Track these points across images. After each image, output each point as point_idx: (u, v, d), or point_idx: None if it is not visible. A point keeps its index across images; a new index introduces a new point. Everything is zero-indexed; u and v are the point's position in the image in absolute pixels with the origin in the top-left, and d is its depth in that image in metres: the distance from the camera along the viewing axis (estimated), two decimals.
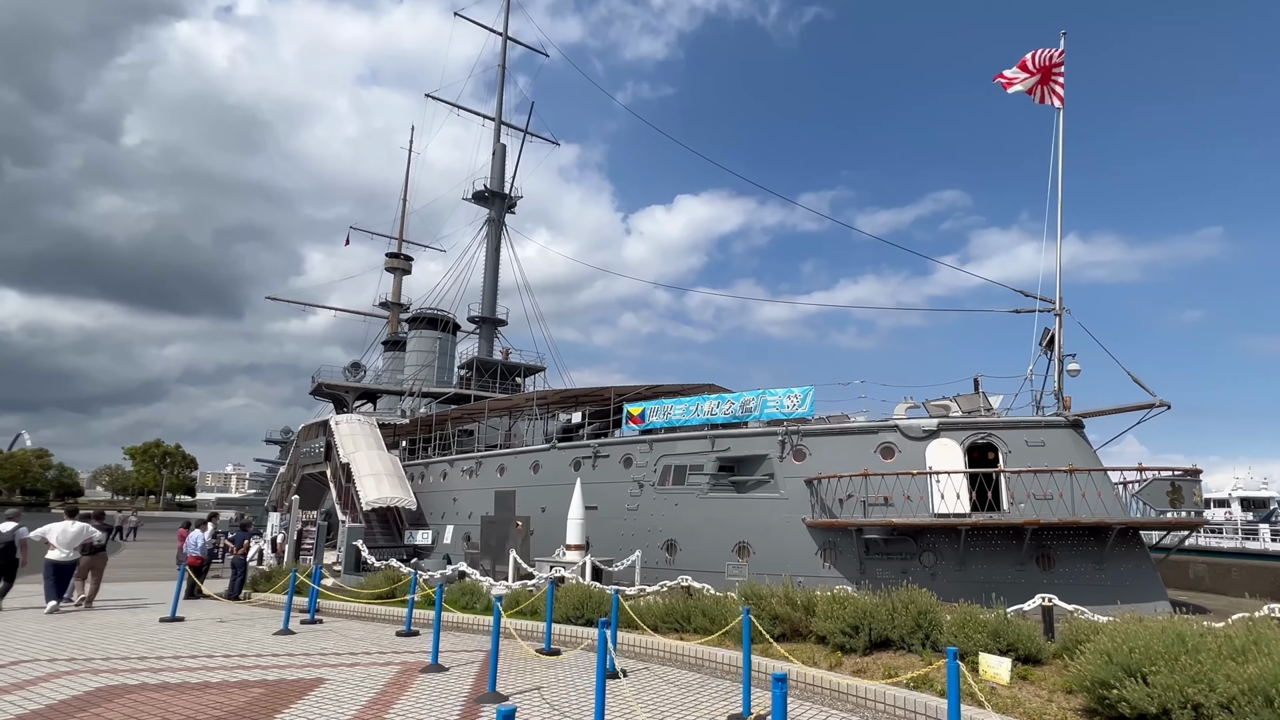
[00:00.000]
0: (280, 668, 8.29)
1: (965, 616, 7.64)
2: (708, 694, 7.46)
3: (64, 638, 10.16)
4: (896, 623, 8.06)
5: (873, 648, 8.26)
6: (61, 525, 13.24)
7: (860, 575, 16.60)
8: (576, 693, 7.43)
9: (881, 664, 7.79)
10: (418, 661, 8.75)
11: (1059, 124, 17.91)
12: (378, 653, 9.38)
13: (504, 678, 7.92)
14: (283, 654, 9.19)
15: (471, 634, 11.14)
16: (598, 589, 11.86)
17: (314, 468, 31.40)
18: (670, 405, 20.92)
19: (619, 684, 7.78)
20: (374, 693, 7.20)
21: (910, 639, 7.99)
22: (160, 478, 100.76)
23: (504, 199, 56.20)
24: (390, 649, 9.73)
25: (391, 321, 75.82)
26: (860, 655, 8.08)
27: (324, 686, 7.40)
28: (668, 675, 8.25)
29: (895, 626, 8.06)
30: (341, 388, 46.85)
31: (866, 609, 8.28)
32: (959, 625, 7.55)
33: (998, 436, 16.75)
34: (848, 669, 7.75)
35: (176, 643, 9.92)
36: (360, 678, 7.85)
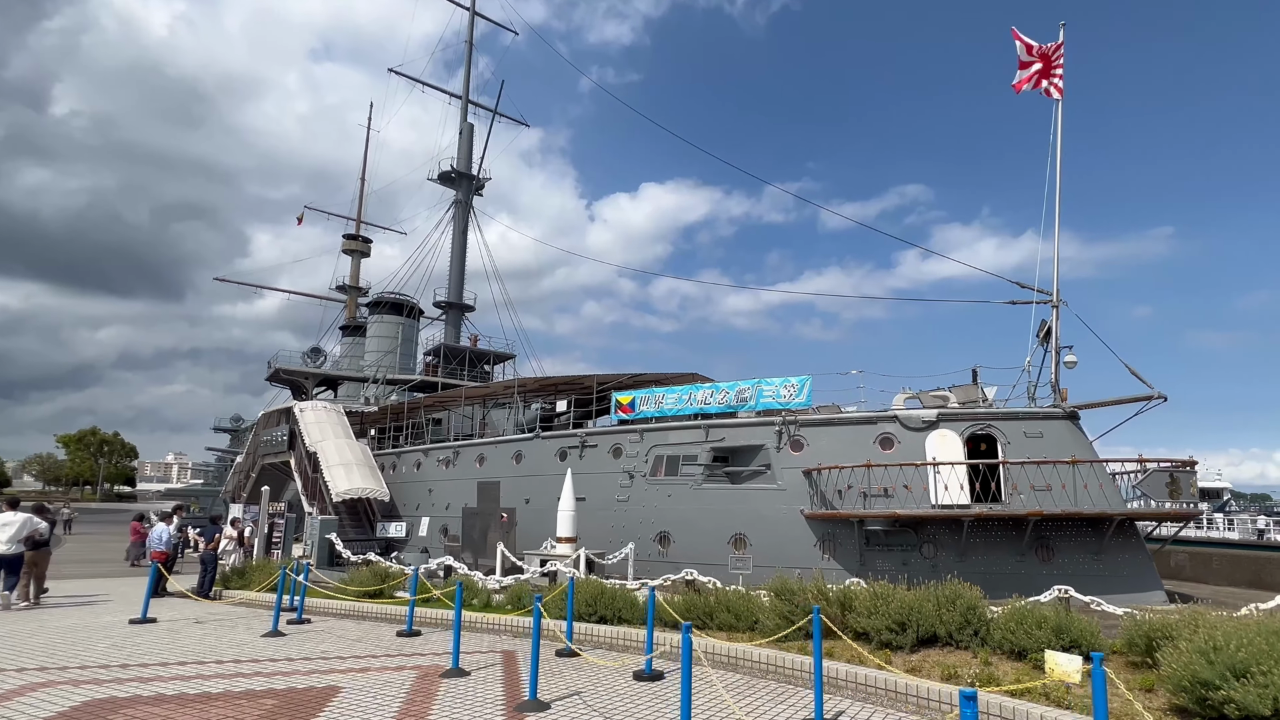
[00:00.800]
0: (284, 674, 7.50)
1: (1020, 612, 7.32)
2: (763, 697, 6.97)
3: (25, 643, 9.13)
4: (944, 618, 7.70)
5: (919, 644, 7.91)
6: (3, 517, 12.37)
7: (860, 567, 16.38)
8: (620, 698, 6.86)
9: (933, 661, 7.42)
10: (433, 665, 8.06)
11: (1058, 115, 17.91)
12: (385, 655, 8.64)
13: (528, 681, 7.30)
14: (280, 658, 8.37)
15: (477, 633, 10.44)
16: (610, 584, 11.29)
17: (276, 457, 29.94)
18: (662, 394, 20.39)
19: (662, 686, 7.25)
20: (400, 702, 6.51)
21: (959, 635, 7.65)
22: (97, 467, 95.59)
23: (472, 180, 54.74)
24: (396, 651, 8.99)
25: (349, 306, 73.37)
26: (908, 653, 7.70)
27: (341, 696, 6.67)
28: (708, 676, 7.73)
29: (943, 622, 7.70)
30: (301, 373, 45.02)
31: (912, 605, 7.91)
32: (1015, 621, 7.22)
33: (997, 428, 16.70)
34: (900, 667, 7.36)
35: (156, 647, 8.99)
36: (378, 684, 7.13)
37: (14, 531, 12.46)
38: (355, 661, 8.24)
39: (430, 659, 8.43)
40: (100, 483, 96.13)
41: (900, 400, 18.15)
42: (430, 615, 11.02)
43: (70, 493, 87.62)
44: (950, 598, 7.80)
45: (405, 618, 11.45)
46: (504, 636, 10.14)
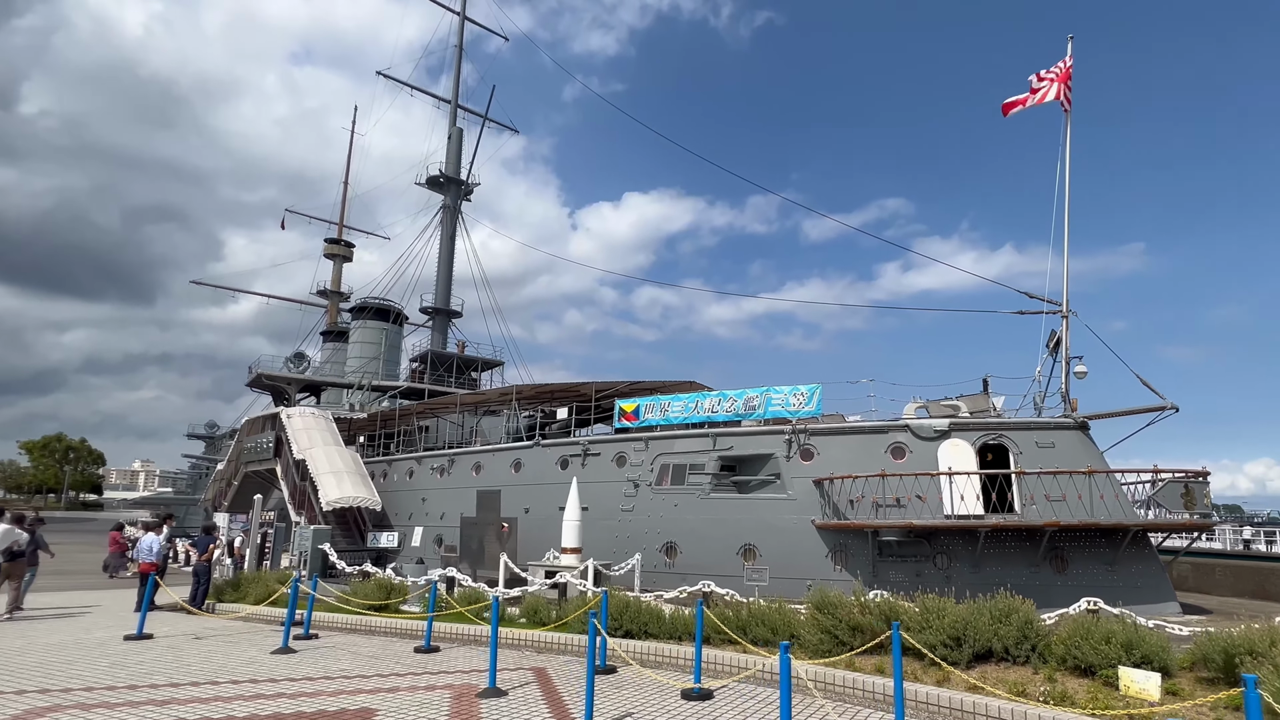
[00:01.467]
0: (308, 695, 6.99)
1: (1085, 627, 7.07)
2: (833, 717, 6.62)
3: (16, 662, 8.49)
4: (1000, 633, 7.43)
5: (974, 660, 7.63)
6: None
7: (873, 578, 16.13)
8: (671, 718, 6.47)
9: (994, 678, 7.13)
10: (465, 684, 7.59)
11: (1067, 128, 17.98)
12: (410, 674, 8.15)
13: (572, 701, 6.90)
14: (299, 677, 7.85)
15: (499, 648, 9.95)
16: (634, 597, 10.88)
17: (260, 464, 29.02)
18: (667, 402, 20.05)
19: (715, 706, 6.87)
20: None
21: (1016, 650, 7.37)
22: (62, 475, 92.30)
23: (460, 185, 54.19)
24: (420, 668, 8.50)
25: (331, 311, 72.14)
26: (964, 669, 7.41)
27: (379, 719, 6.20)
28: (757, 694, 7.37)
29: (998, 637, 7.42)
30: (283, 379, 43.98)
31: (966, 618, 7.62)
32: (1080, 635, 6.96)
33: (1009, 438, 16.60)
34: (959, 685, 7.06)
35: (161, 665, 8.40)
36: (413, 706, 6.66)
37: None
38: (380, 680, 7.74)
39: (459, 677, 7.96)
40: (65, 491, 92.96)
41: (911, 410, 18.01)
42: (446, 630, 10.53)
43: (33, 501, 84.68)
44: (1004, 611, 7.53)
45: (416, 632, 10.97)
46: (527, 652, 9.68)
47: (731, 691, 7.48)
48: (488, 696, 7.00)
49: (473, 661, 8.91)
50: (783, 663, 4.70)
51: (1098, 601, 11.35)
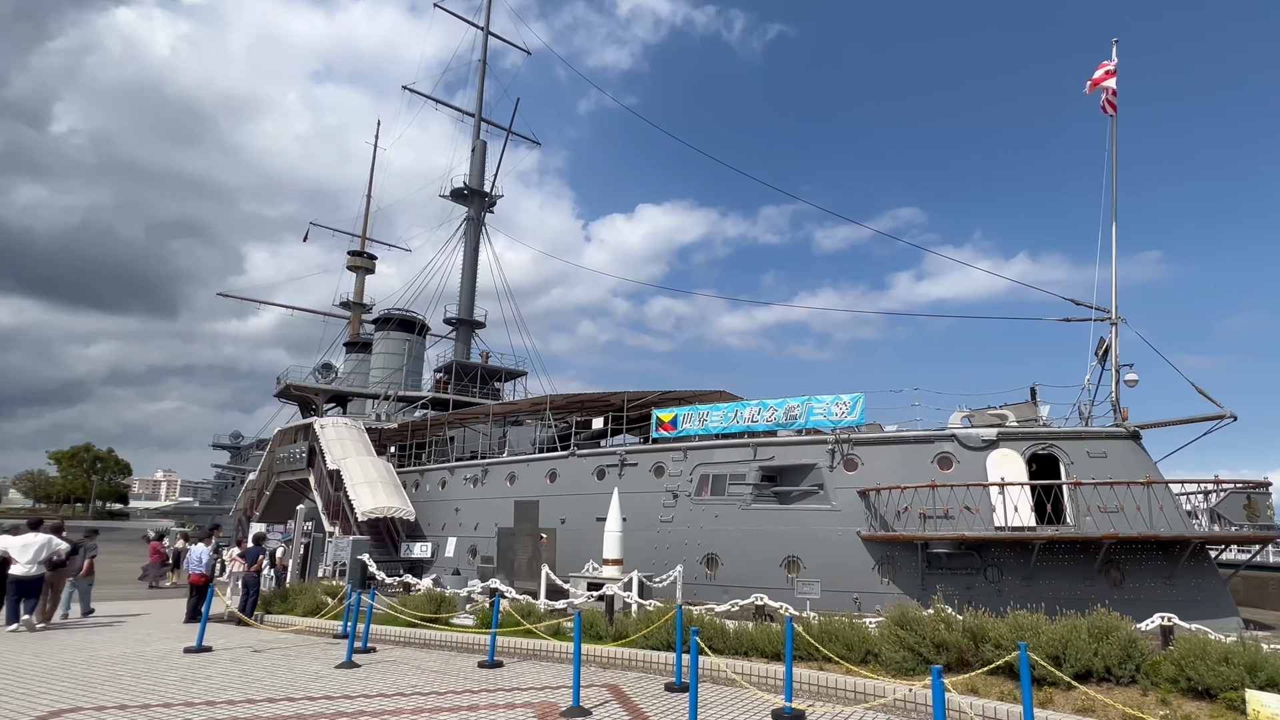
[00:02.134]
0: (390, 714, 6.89)
1: (1201, 646, 6.82)
2: None
3: (86, 674, 8.47)
4: (1101, 651, 7.20)
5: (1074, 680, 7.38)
6: (22, 539, 12.21)
7: (922, 591, 15.85)
8: None
9: (1101, 701, 6.86)
10: (545, 702, 7.46)
11: (1112, 132, 17.73)
12: (483, 691, 8.03)
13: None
14: (374, 694, 7.76)
15: (559, 663, 9.82)
16: (699, 612, 10.72)
17: (293, 474, 29.15)
18: (706, 411, 19.90)
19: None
20: None
21: (1119, 670, 7.14)
22: (89, 484, 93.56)
23: (483, 197, 54.53)
24: (491, 684, 8.38)
25: (353, 322, 72.81)
26: (1064, 690, 7.18)
27: None
28: (850, 715, 7.17)
29: (1099, 656, 7.19)
30: (311, 390, 44.26)
31: (1063, 636, 7.39)
32: (1195, 655, 6.72)
33: (1059, 447, 16.29)
34: (1064, 707, 6.84)
35: (229, 680, 8.35)
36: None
37: (34, 553, 12.10)
38: (456, 698, 7.63)
39: (534, 694, 7.83)
40: (92, 500, 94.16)
41: (956, 419, 17.73)
42: (503, 644, 10.39)
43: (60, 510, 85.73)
44: (1104, 628, 7.30)
45: (473, 646, 10.89)
46: (592, 668, 9.53)
47: (823, 714, 7.26)
48: (573, 716, 6.87)
49: (540, 677, 8.79)
50: (936, 689, 4.48)
51: (1172, 617, 11.05)
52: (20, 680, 8.18)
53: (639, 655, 9.35)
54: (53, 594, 12.88)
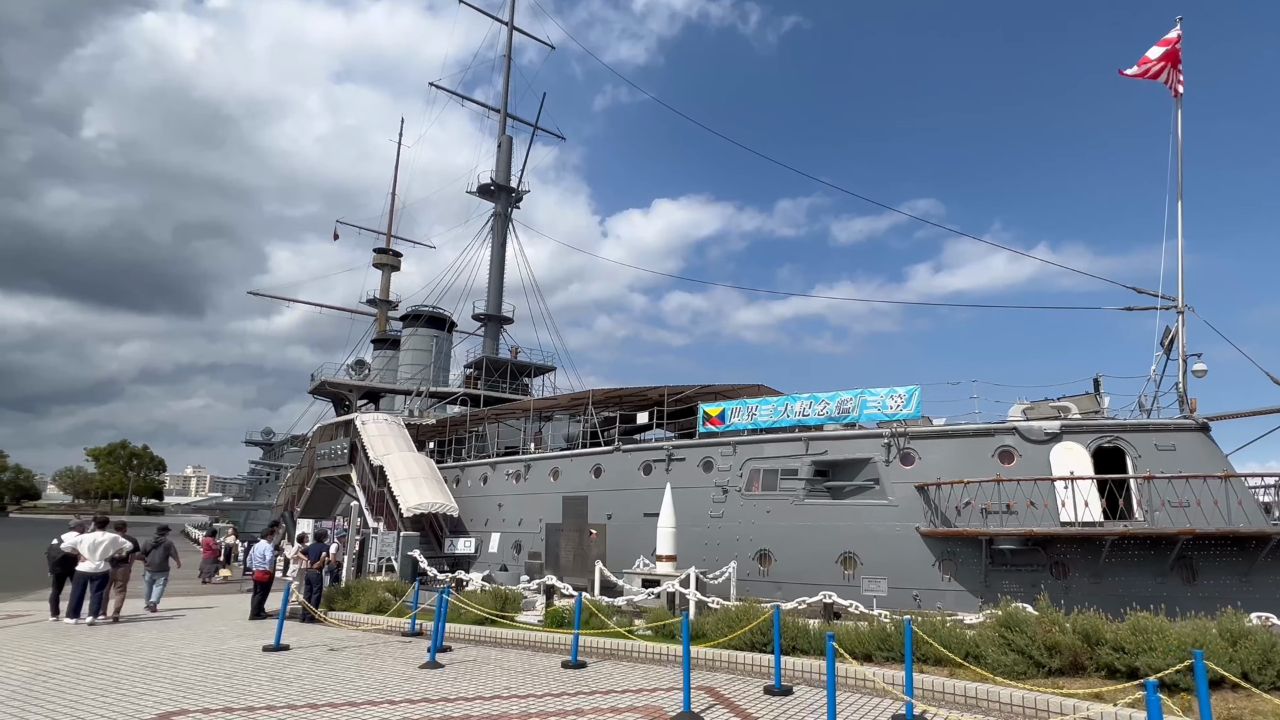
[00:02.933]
0: (494, 718, 6.79)
1: None
2: None
3: (174, 675, 8.48)
4: (1237, 655, 6.92)
5: None
6: (91, 537, 12.76)
7: (985, 588, 15.59)
8: None
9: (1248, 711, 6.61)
10: (649, 705, 7.33)
11: (1178, 113, 17.19)
12: (580, 694, 7.92)
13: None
14: (472, 696, 7.68)
15: (638, 663, 9.71)
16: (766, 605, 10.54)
17: (334, 470, 29.37)
18: (755, 405, 19.69)
19: None
20: None
21: (1259, 676, 6.86)
22: (126, 480, 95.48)
23: (510, 193, 54.51)
24: (586, 687, 8.27)
25: (380, 319, 73.39)
26: (1192, 694, 6.91)
27: None
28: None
29: (1234, 660, 6.92)
30: (345, 386, 44.57)
31: (1193, 639, 7.12)
32: None
33: (1126, 440, 15.89)
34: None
35: (322, 681, 8.32)
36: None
37: (101, 550, 12.67)
38: (554, 701, 7.53)
39: (633, 697, 7.70)
40: (129, 495, 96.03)
41: (1017, 411, 17.39)
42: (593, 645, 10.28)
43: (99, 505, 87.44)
44: (1236, 632, 7.02)
45: (548, 644, 10.81)
46: (670, 668, 9.40)
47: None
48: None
49: (629, 679, 8.67)
50: (1152, 704, 4.17)
51: (1269, 617, 10.71)
52: (115, 679, 8.19)
53: (729, 657, 9.20)
54: (118, 589, 13.27)
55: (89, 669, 8.85)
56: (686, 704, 6.99)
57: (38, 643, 10.67)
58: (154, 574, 14.93)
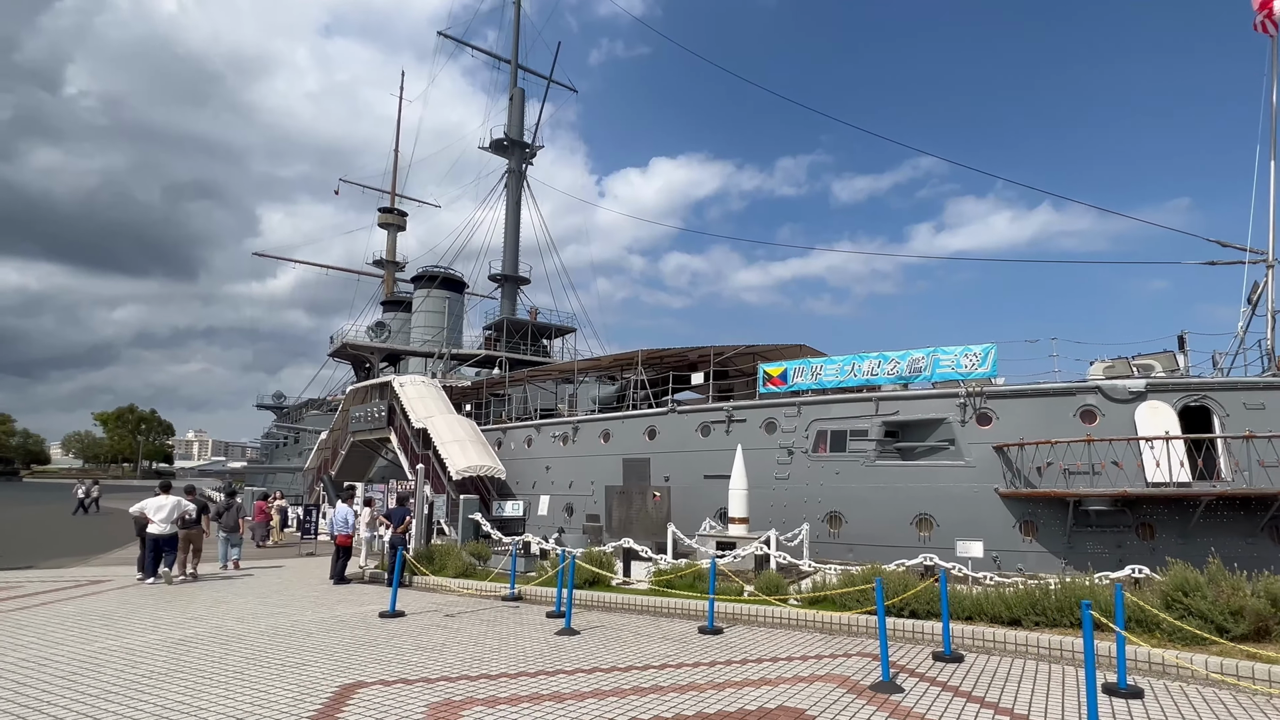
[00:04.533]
0: (680, 690, 6.52)
1: None
2: None
3: (314, 643, 8.17)
4: None
5: None
6: (157, 500, 13.36)
7: (1069, 550, 15.48)
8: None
9: None
10: (836, 674, 7.07)
11: (1273, 53, 16.51)
12: (744, 661, 7.66)
13: (986, 693, 6.35)
14: (643, 665, 7.39)
15: (775, 629, 9.50)
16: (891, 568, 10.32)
17: (370, 433, 29.04)
18: (820, 365, 19.32)
19: (1150, 706, 6.25)
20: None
21: None
22: (135, 444, 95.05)
23: (524, 148, 53.15)
24: (744, 654, 8.02)
25: (388, 280, 72.30)
26: None
27: None
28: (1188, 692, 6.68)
29: None
30: (367, 349, 44.02)
31: None
32: None
33: (1213, 399, 15.62)
34: None
35: (472, 649, 8.03)
36: (834, 705, 6.11)
37: (167, 513, 13.22)
38: (734, 670, 7.26)
39: (818, 665, 7.45)
40: (139, 459, 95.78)
41: (1099, 369, 17.09)
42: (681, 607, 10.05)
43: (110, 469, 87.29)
44: None
45: (668, 610, 10.59)
46: (810, 634, 9.19)
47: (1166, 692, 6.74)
48: (885, 691, 6.47)
49: (777, 645, 8.44)
50: None
51: None
52: (256, 648, 7.87)
53: (860, 621, 8.94)
54: (194, 549, 13.96)
55: (222, 637, 8.56)
56: (885, 673, 6.73)
57: (145, 609, 10.37)
58: (228, 534, 15.79)
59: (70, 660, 7.29)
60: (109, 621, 9.46)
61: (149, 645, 8.05)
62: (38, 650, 7.71)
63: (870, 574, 10.12)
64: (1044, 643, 7.78)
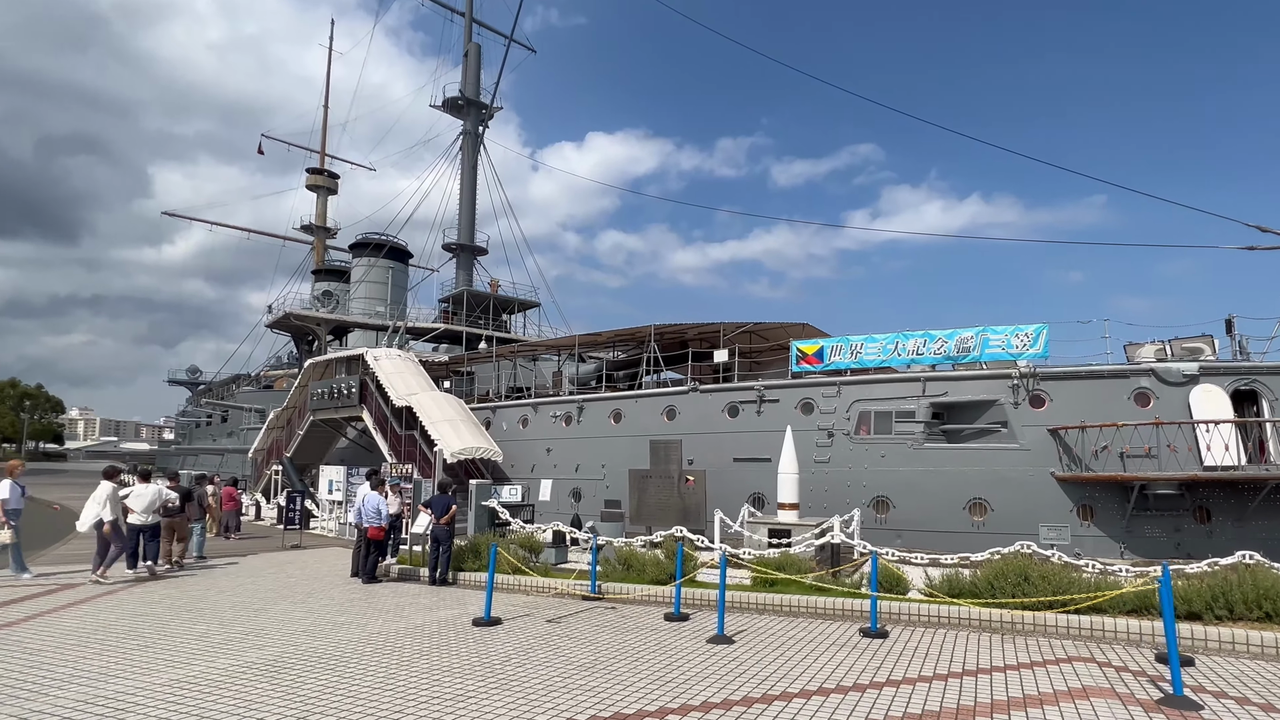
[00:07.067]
0: (999, 709, 5.27)
1: None
2: None
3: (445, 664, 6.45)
4: None
5: None
6: (136, 490, 12.38)
7: (1127, 535, 15.21)
8: None
9: None
10: (1099, 687, 5.99)
11: None
12: (981, 672, 6.49)
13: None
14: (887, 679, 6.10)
15: (943, 629, 8.40)
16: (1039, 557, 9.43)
17: (337, 412, 26.31)
18: (860, 343, 18.41)
19: None
20: None
21: None
22: (19, 423, 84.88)
23: (481, 109, 50.12)
24: (950, 662, 6.85)
25: (317, 248, 67.38)
26: None
27: None
28: None
29: None
30: (314, 320, 40.40)
31: None
32: None
33: (1262, 382, 15.64)
34: None
35: (629, 664, 6.51)
36: None
37: (147, 503, 12.20)
38: (972, 683, 6.06)
39: (1056, 674, 6.35)
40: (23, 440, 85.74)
41: (1150, 351, 16.88)
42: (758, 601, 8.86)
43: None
44: None
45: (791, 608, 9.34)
46: (981, 635, 8.14)
47: None
48: (1181, 706, 5.42)
49: (965, 649, 7.33)
50: None
51: None
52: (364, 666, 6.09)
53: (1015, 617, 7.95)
54: (177, 537, 13.18)
55: (318, 655, 6.66)
56: (1178, 687, 5.68)
57: (175, 623, 8.23)
58: (195, 523, 14.75)
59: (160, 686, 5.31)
60: (138, 638, 7.35)
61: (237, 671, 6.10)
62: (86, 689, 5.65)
63: (1005, 565, 9.18)
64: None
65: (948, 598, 8.61)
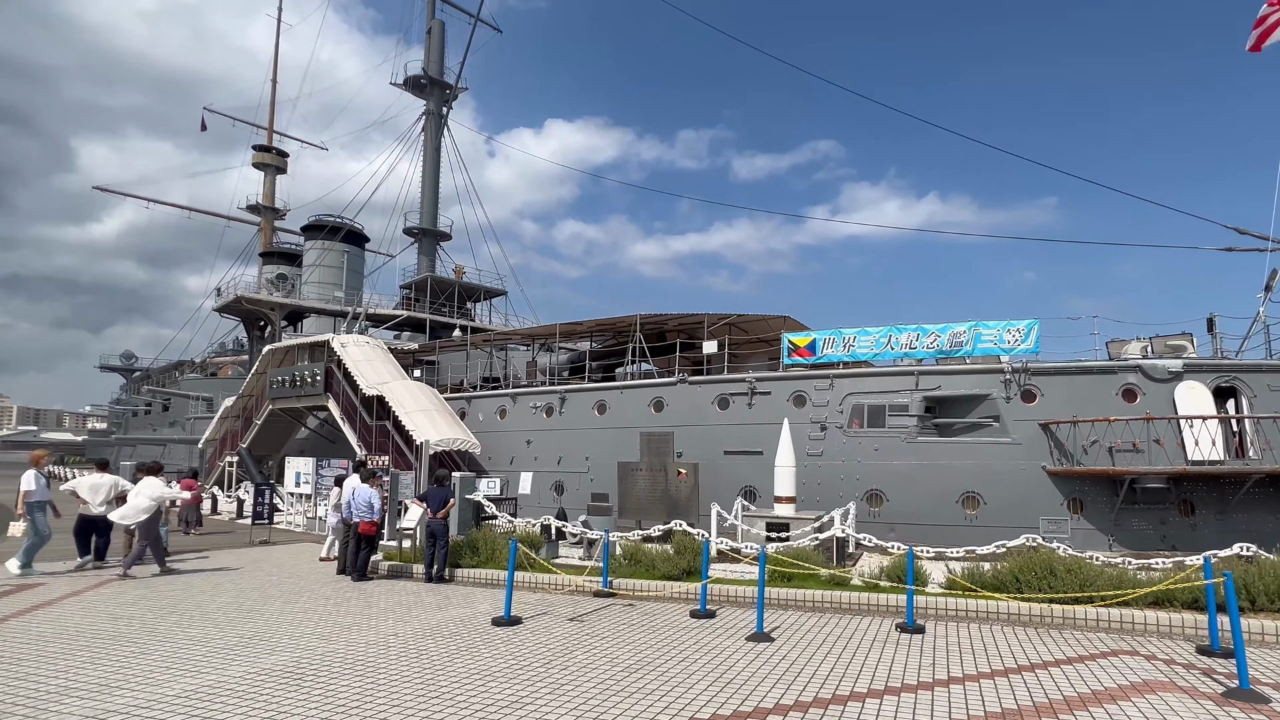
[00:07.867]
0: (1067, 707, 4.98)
1: None
2: None
3: (480, 667, 5.88)
4: None
5: None
6: (90, 479, 11.76)
7: (1115, 528, 15.45)
8: None
9: None
10: (1161, 681, 5.80)
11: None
12: (1026, 669, 6.23)
13: None
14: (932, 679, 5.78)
15: (976, 622, 8.18)
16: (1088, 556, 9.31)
17: (300, 401, 25.02)
18: (853, 336, 18.28)
19: None
20: None
21: None
22: None
23: (445, 89, 48.60)
24: (991, 658, 6.59)
25: (264, 229, 64.61)
26: None
27: None
28: None
29: None
30: (267, 304, 38.51)
31: None
32: None
33: (1242, 380, 16.07)
34: None
35: (678, 666, 6.06)
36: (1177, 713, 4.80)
37: (104, 494, 11.58)
38: (1036, 678, 5.80)
39: (1112, 668, 6.14)
40: None
41: (1135, 349, 17.19)
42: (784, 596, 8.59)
43: None
44: None
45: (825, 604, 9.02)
46: (1011, 629, 7.96)
47: None
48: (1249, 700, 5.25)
49: (1005, 643, 7.11)
50: None
51: None
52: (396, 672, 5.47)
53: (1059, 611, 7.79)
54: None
55: (339, 659, 5.99)
56: (1244, 679, 5.51)
57: (167, 622, 7.39)
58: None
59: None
60: (130, 644, 6.53)
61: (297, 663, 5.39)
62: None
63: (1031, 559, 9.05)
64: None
65: (986, 592, 8.37)
